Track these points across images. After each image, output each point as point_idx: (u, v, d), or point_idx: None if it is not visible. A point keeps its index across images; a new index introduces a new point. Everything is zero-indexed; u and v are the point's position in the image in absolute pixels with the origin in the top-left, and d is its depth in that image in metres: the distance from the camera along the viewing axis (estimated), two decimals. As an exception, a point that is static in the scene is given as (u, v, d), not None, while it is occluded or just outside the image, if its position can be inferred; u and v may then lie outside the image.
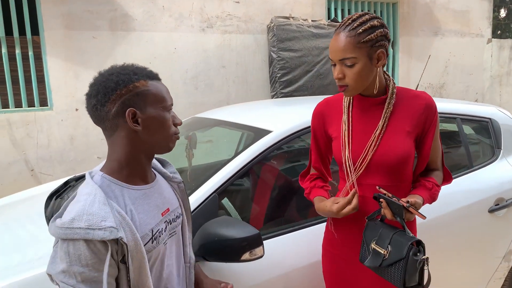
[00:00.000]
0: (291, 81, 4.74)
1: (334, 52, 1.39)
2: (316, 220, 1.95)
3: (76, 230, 0.94)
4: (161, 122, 1.10)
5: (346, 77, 1.39)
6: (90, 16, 4.02)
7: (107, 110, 1.05)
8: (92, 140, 4.13)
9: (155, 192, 1.18)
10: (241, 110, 2.84)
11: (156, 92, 1.10)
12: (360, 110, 1.52)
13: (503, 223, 2.41)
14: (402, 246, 1.31)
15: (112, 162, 1.10)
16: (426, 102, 1.47)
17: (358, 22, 1.36)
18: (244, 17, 4.80)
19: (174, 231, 1.23)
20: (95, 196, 1.00)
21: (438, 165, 1.59)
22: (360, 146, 1.49)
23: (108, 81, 1.06)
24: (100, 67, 3.99)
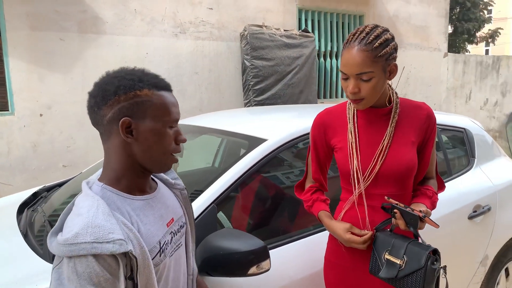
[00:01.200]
0: (264, 89, 4.74)
1: (350, 66, 1.35)
2: (314, 230, 1.93)
3: (82, 245, 0.85)
4: (158, 137, 1.01)
5: (361, 91, 1.37)
6: (58, 17, 3.82)
7: (103, 114, 0.97)
8: (58, 148, 3.91)
9: (158, 202, 1.10)
10: (227, 117, 2.78)
11: (160, 104, 1.00)
12: (366, 121, 1.52)
13: (480, 229, 2.50)
14: (420, 255, 1.30)
15: (109, 171, 1.02)
16: (427, 112, 1.51)
17: (373, 35, 1.34)
18: (217, 24, 4.75)
19: (180, 242, 1.16)
20: (98, 208, 0.91)
21: (433, 174, 1.63)
22: (367, 157, 1.48)
23: (110, 84, 0.98)
24: (67, 71, 3.84)
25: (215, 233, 1.56)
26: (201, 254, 1.51)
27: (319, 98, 5.64)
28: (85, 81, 3.97)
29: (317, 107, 3.48)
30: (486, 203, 2.51)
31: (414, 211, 1.31)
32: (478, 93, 7.98)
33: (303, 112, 3.00)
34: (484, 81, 8.10)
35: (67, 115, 3.90)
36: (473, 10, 13.96)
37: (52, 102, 3.84)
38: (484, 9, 15.11)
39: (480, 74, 8.02)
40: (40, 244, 1.85)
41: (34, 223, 2.12)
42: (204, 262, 1.49)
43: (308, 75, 5.11)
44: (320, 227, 1.97)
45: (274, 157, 1.95)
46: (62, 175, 3.78)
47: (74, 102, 3.91)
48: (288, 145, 1.99)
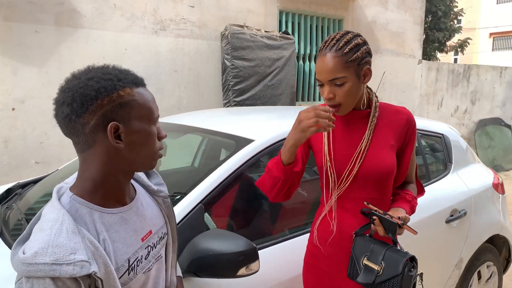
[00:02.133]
0: (244, 90, 4.72)
1: (323, 73, 1.38)
2: (301, 231, 1.93)
3: (39, 266, 0.79)
4: (146, 137, 0.95)
5: (336, 96, 1.39)
6: (33, 8, 3.69)
7: (84, 122, 0.87)
8: (30, 144, 3.77)
9: (134, 214, 1.02)
10: (211, 117, 2.75)
11: (143, 102, 0.94)
12: (344, 123, 1.53)
13: (456, 233, 2.57)
14: (397, 262, 1.32)
15: (84, 181, 0.94)
16: (407, 117, 1.53)
17: (343, 42, 1.38)
18: (198, 22, 4.70)
19: (160, 254, 1.10)
20: (62, 224, 0.84)
21: (412, 178, 1.65)
22: (345, 159, 1.49)
23: (87, 88, 0.88)
24: (42, 64, 3.71)
25: (204, 234, 1.54)
26: (190, 255, 1.48)
27: (297, 101, 5.67)
28: (61, 76, 3.81)
29: (297, 109, 3.50)
30: (462, 208, 2.59)
31: (393, 218, 1.33)
32: (449, 100, 8.23)
33: (285, 113, 3.00)
34: (455, 89, 8.36)
35: (41, 110, 3.77)
36: (444, 19, 14.38)
37: (26, 97, 3.70)
38: (454, 19, 15.59)
39: (452, 82, 8.27)
40: (16, 243, 1.78)
41: (9, 221, 2.04)
42: (192, 263, 1.46)
43: (287, 77, 5.14)
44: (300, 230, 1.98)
45: (262, 157, 1.95)
46: (34, 171, 3.65)
47: (48, 97, 3.78)
48: (275, 146, 1.98)
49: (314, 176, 2.48)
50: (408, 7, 7.17)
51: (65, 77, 0.93)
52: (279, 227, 2.06)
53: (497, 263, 2.92)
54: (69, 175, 2.47)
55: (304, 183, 2.37)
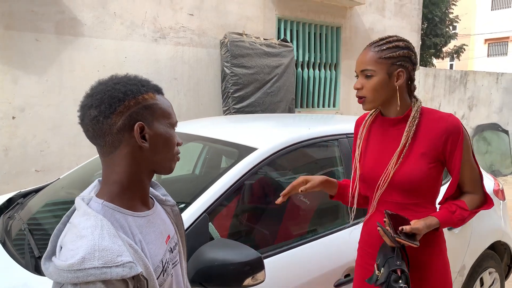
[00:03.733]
0: (244, 97, 4.73)
1: (358, 64, 1.52)
2: (300, 241, 1.93)
3: (90, 271, 0.79)
4: (167, 139, 1.00)
5: (364, 88, 1.50)
6: (34, 17, 3.70)
7: (112, 122, 0.92)
8: (30, 152, 3.76)
9: (158, 218, 1.07)
10: (213, 125, 2.76)
11: (165, 107, 1.00)
12: (381, 129, 1.60)
13: (459, 240, 2.58)
14: (387, 271, 1.39)
15: (111, 185, 0.96)
16: (448, 124, 1.47)
17: (385, 41, 1.49)
18: (198, 30, 4.72)
19: (176, 259, 1.12)
20: (103, 228, 0.85)
21: (473, 188, 1.54)
22: (377, 167, 1.54)
23: (115, 91, 0.94)
24: (43, 73, 3.72)
25: (209, 244, 1.54)
26: (195, 265, 1.48)
27: (296, 108, 5.68)
28: (61, 84, 3.84)
29: (297, 116, 3.52)
30: (464, 214, 2.59)
31: (396, 231, 1.38)
32: (447, 106, 8.27)
33: (286, 121, 3.02)
34: (453, 95, 8.41)
35: (42, 118, 3.77)
36: (440, 26, 14.49)
37: (26, 105, 3.70)
38: (450, 25, 15.71)
39: (449, 88, 8.32)
40: (20, 253, 1.77)
41: (11, 231, 2.03)
42: (198, 273, 1.46)
43: (286, 84, 5.15)
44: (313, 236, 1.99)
45: (264, 166, 1.95)
46: (34, 180, 3.64)
47: (49, 105, 3.78)
48: (278, 155, 1.99)
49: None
50: (405, 15, 7.23)
51: (90, 85, 0.98)
52: (284, 236, 2.05)
53: (499, 269, 2.92)
54: (70, 184, 2.48)
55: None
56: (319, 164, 2.52)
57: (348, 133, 2.31)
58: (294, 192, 1.60)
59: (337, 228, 2.09)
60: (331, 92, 6.32)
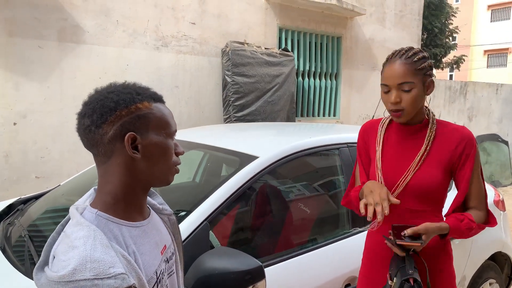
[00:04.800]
0: (245, 105, 4.75)
1: (393, 77, 1.47)
2: (300, 250, 1.93)
3: (80, 283, 0.78)
4: (163, 150, 0.97)
5: (402, 101, 1.47)
6: (37, 24, 3.72)
7: (103, 132, 0.91)
8: (31, 158, 3.76)
9: (153, 228, 1.04)
10: (213, 133, 2.76)
11: (161, 116, 0.97)
12: (398, 137, 1.60)
13: (459, 250, 2.56)
14: (399, 280, 1.38)
15: (106, 195, 0.95)
16: (462, 136, 1.52)
17: (412, 52, 1.48)
18: (199, 38, 4.75)
19: (172, 269, 1.11)
20: (95, 239, 0.84)
21: (477, 204, 1.55)
22: (396, 171, 1.55)
23: (107, 100, 0.92)
24: (45, 79, 3.72)
25: (209, 252, 1.54)
26: (195, 274, 1.47)
27: (296, 117, 5.70)
28: (63, 91, 3.86)
29: (297, 125, 3.53)
30: (464, 225, 2.59)
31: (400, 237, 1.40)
32: (447, 116, 8.29)
33: (287, 130, 3.02)
34: (452, 105, 8.44)
35: (43, 125, 3.77)
36: (439, 36, 14.57)
37: (27, 111, 3.71)
38: (449, 36, 15.80)
39: (449, 98, 8.35)
40: (20, 259, 1.76)
41: (11, 237, 2.02)
42: (198, 282, 1.45)
43: (287, 93, 5.17)
44: (314, 245, 1.98)
45: (265, 174, 1.95)
46: (34, 186, 3.64)
47: (50, 111, 3.79)
48: (279, 163, 1.99)
49: (314, 192, 2.49)
50: (405, 25, 7.27)
51: (83, 90, 0.96)
52: (284, 245, 2.05)
53: (499, 280, 2.91)
54: (70, 191, 2.48)
55: (306, 200, 2.37)
56: (319, 173, 2.52)
57: (349, 142, 2.31)
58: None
59: (338, 237, 2.08)
60: (332, 101, 6.34)
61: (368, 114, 6.75)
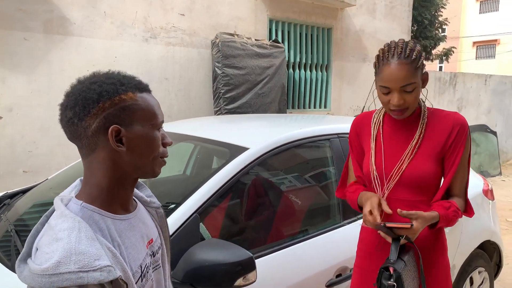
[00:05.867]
0: (235, 98, 4.72)
1: (395, 80, 1.43)
2: (291, 241, 1.93)
3: (65, 275, 0.76)
4: (149, 142, 0.94)
5: (405, 102, 1.46)
6: (23, 16, 3.65)
7: (86, 125, 0.88)
8: (18, 152, 3.70)
9: (139, 221, 1.02)
10: (204, 125, 2.74)
11: (146, 107, 0.94)
12: (391, 128, 1.60)
13: (449, 240, 2.55)
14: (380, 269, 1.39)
15: (91, 187, 0.93)
16: (454, 122, 1.51)
17: (409, 49, 1.44)
18: (189, 30, 4.70)
19: (158, 263, 1.09)
20: (80, 231, 0.82)
21: (459, 192, 1.56)
22: (391, 163, 1.55)
23: (89, 91, 0.89)
24: (31, 72, 3.65)
25: (199, 244, 1.53)
26: (185, 266, 1.46)
27: (288, 108, 5.68)
28: (50, 84, 3.80)
29: (288, 117, 3.52)
30: (454, 214, 2.61)
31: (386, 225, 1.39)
32: (437, 107, 8.33)
33: (278, 121, 3.01)
34: (442, 96, 8.49)
35: (30, 118, 3.71)
36: (429, 28, 14.61)
37: (14, 105, 3.64)
38: (439, 28, 15.85)
39: (439, 89, 8.39)
40: (6, 255, 1.74)
41: (-3, 232, 1.99)
42: (188, 274, 1.44)
43: (278, 85, 5.15)
44: (305, 236, 1.98)
45: (256, 166, 1.94)
46: (22, 181, 3.58)
47: (37, 105, 3.73)
48: (270, 154, 1.98)
49: (305, 183, 2.48)
50: (395, 16, 7.27)
51: (70, 82, 0.94)
52: (275, 236, 2.04)
53: (488, 268, 2.94)
54: (59, 185, 2.44)
55: (297, 191, 2.37)
56: (310, 164, 2.51)
57: (340, 133, 2.30)
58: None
59: (329, 228, 2.08)
60: (322, 93, 6.33)
61: (359, 106, 6.77)
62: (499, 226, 3.07)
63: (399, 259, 1.39)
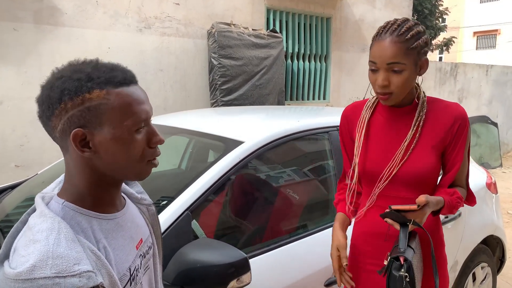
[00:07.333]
0: (232, 89, 4.62)
1: (381, 56, 1.31)
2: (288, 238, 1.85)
3: (39, 281, 0.69)
4: (124, 145, 0.83)
5: (391, 84, 1.32)
6: (11, 5, 3.53)
7: (53, 126, 0.80)
8: (9, 146, 3.61)
9: (128, 220, 0.94)
10: (198, 118, 2.65)
11: (119, 105, 0.81)
12: (385, 120, 1.47)
13: (452, 235, 2.51)
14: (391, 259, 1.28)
15: (72, 187, 0.85)
16: (455, 114, 1.41)
17: (405, 27, 1.31)
18: (184, 20, 4.58)
19: (148, 265, 1.02)
20: (59, 232, 0.75)
21: (461, 182, 1.50)
22: (384, 159, 1.44)
23: (52, 89, 0.79)
24: (21, 64, 3.53)
25: (191, 244, 1.45)
26: (176, 267, 1.38)
27: (286, 100, 5.59)
28: (41, 76, 3.66)
29: (286, 109, 3.43)
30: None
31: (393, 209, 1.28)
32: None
33: (275, 113, 2.92)
34: (443, 87, 8.39)
35: (21, 111, 3.62)
36: (430, 18, 14.47)
37: (4, 97, 3.54)
38: (439, 18, 15.71)
39: (439, 80, 8.29)
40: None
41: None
42: (179, 275, 1.37)
43: (275, 76, 5.04)
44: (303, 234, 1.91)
45: (251, 160, 1.86)
46: (14, 175, 3.50)
47: (28, 97, 3.63)
48: (266, 148, 1.90)
49: (304, 177, 2.40)
50: (395, 6, 7.15)
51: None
52: (271, 233, 1.96)
53: (491, 263, 2.88)
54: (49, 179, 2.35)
55: (295, 186, 2.29)
56: (308, 158, 2.43)
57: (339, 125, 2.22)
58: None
59: (327, 224, 2.00)
60: (321, 84, 6.23)
61: (358, 97, 6.67)
62: (502, 220, 3.00)
63: (408, 247, 1.30)
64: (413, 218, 1.27)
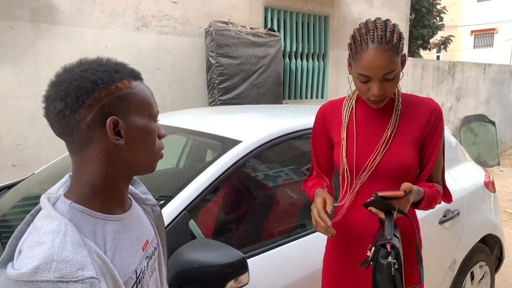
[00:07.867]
0: (230, 88, 4.61)
1: (376, 69, 1.28)
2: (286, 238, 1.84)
3: (41, 284, 0.68)
4: (147, 134, 0.87)
5: (386, 91, 1.33)
6: (8, 4, 3.51)
7: (80, 118, 0.80)
8: (6, 145, 3.60)
9: (134, 221, 0.94)
10: (196, 117, 2.64)
11: (142, 96, 0.87)
12: (365, 116, 1.48)
13: (450, 234, 2.51)
14: (377, 248, 1.26)
15: (82, 186, 0.84)
16: (431, 109, 1.44)
17: (389, 32, 1.29)
18: (182, 18, 4.57)
19: (154, 267, 1.01)
20: (66, 235, 0.74)
21: (438, 179, 1.52)
22: (365, 153, 1.44)
23: (82, 80, 0.80)
24: (18, 63, 3.51)
25: (188, 244, 1.44)
26: (174, 267, 1.37)
27: (284, 99, 5.58)
28: (39, 75, 3.67)
29: (284, 108, 3.42)
30: (455, 208, 2.53)
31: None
32: (435, 97, 8.25)
33: (273, 112, 2.91)
34: (441, 86, 8.39)
35: (18, 110, 3.60)
36: (427, 16, 14.48)
37: (1, 96, 3.53)
38: (437, 16, 15.71)
39: (437, 79, 8.29)
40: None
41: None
42: (176, 276, 1.36)
43: (273, 75, 5.04)
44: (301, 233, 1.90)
45: (249, 159, 1.85)
46: (11, 175, 3.48)
47: (25, 96, 3.62)
48: (264, 147, 1.89)
49: (302, 177, 2.40)
50: (393, 5, 7.14)
51: (56, 71, 0.84)
52: (270, 233, 1.96)
53: (489, 262, 2.88)
54: (47, 179, 2.34)
55: (293, 185, 2.28)
56: (307, 157, 2.42)
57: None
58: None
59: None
60: (319, 83, 6.22)
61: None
62: (500, 219, 3.00)
63: (393, 235, 1.29)
64: (397, 205, 1.27)
